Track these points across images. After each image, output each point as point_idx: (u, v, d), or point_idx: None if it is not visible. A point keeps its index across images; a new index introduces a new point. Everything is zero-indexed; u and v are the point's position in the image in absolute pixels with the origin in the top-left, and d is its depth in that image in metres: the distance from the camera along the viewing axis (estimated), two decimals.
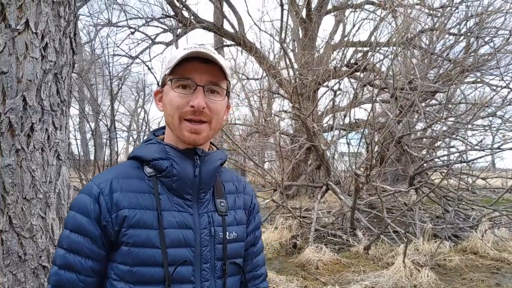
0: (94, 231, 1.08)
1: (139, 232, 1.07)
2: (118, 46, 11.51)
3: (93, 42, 12.97)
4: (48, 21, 1.88)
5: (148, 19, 12.89)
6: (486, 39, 8.58)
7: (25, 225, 1.79)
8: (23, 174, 1.79)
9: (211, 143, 1.31)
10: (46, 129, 1.88)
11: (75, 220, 1.09)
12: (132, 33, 12.66)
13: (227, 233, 1.18)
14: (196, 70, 1.11)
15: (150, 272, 1.06)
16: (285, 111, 11.49)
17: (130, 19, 12.69)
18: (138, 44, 13.37)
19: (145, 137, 1.47)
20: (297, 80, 8.78)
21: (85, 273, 1.08)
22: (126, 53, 12.13)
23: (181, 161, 1.14)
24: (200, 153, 1.17)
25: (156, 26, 13.47)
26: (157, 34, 13.40)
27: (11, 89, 1.76)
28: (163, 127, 1.28)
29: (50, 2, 1.88)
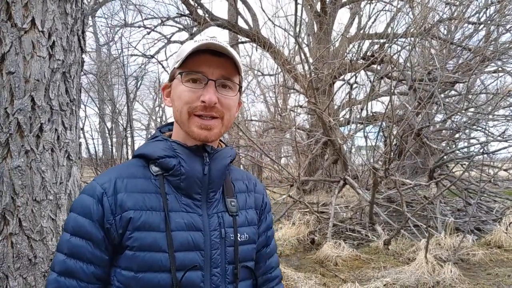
0: (97, 234, 1.02)
1: (145, 235, 1.01)
2: (134, 47, 11.60)
3: (110, 43, 13.03)
4: (55, 19, 1.84)
5: (164, 19, 12.93)
6: (508, 26, 8.31)
7: (35, 228, 1.77)
8: (33, 176, 1.77)
9: (220, 140, 1.24)
10: (56, 129, 1.86)
11: (76, 223, 1.03)
12: (148, 33, 12.74)
13: (239, 234, 1.11)
14: (208, 64, 1.04)
15: (157, 278, 1.00)
16: (301, 106, 11.40)
17: (145, 19, 12.78)
18: (154, 44, 13.43)
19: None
20: (312, 74, 8.67)
21: (87, 279, 1.02)
22: (143, 53, 12.23)
23: (189, 159, 1.07)
24: (209, 150, 1.10)
25: (172, 26, 13.51)
26: (173, 33, 13.45)
27: (18, 89, 1.73)
28: (170, 124, 1.22)
29: (56, 0, 1.85)
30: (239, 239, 1.11)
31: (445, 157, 7.68)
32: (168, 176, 1.08)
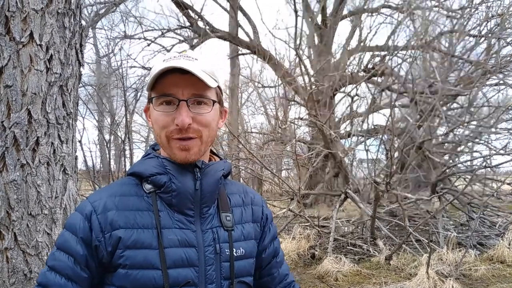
0: (79, 250, 1.02)
1: (137, 253, 1.00)
2: (134, 59, 11.65)
3: (110, 55, 13.09)
4: (53, 33, 1.84)
5: (164, 31, 13.01)
6: (508, 39, 8.34)
7: (31, 242, 1.74)
8: (28, 190, 1.75)
9: (214, 153, 1.24)
10: (52, 143, 1.84)
11: (63, 238, 1.04)
12: (148, 45, 12.80)
13: (234, 249, 1.11)
14: (177, 84, 1.03)
15: None
16: (301, 118, 11.39)
17: (146, 31, 12.85)
18: (155, 55, 13.47)
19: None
20: (313, 86, 8.68)
21: None
22: (142, 66, 12.28)
23: (180, 175, 1.07)
24: (200, 165, 1.09)
25: (172, 37, 13.59)
26: (173, 45, 13.49)
27: (15, 102, 1.72)
28: None
29: (54, 14, 1.85)
30: (234, 254, 1.10)
31: (447, 170, 7.63)
32: (160, 193, 1.07)
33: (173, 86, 1.03)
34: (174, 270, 1.01)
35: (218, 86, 1.12)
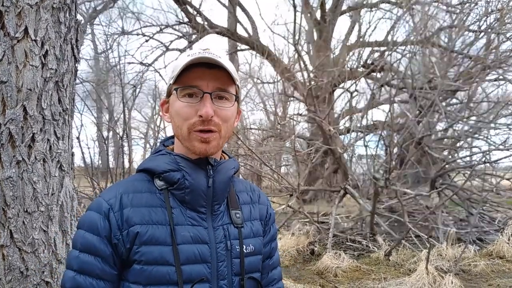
0: (105, 250, 1.03)
1: (152, 249, 1.02)
2: (132, 56, 11.61)
3: (108, 51, 13.01)
4: (48, 28, 1.81)
5: (162, 27, 12.95)
6: (508, 35, 8.31)
7: (27, 240, 1.73)
8: (25, 187, 1.73)
9: (222, 151, 1.25)
10: (48, 139, 1.82)
11: (84, 239, 1.04)
12: (147, 41, 12.73)
13: (244, 246, 1.12)
14: (202, 77, 1.05)
15: None
16: (301, 114, 11.38)
17: (144, 27, 12.79)
18: (153, 51, 13.40)
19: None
20: (312, 82, 8.65)
21: None
22: (140, 62, 12.22)
23: (193, 172, 1.08)
24: (212, 163, 1.11)
25: (170, 33, 13.53)
26: (171, 41, 13.45)
27: (11, 98, 1.70)
28: (172, 136, 1.23)
29: (49, 8, 1.82)
30: (244, 250, 1.12)
31: (446, 166, 7.63)
32: (172, 190, 1.09)
33: (199, 78, 1.05)
34: (187, 266, 1.03)
35: (237, 85, 1.14)
